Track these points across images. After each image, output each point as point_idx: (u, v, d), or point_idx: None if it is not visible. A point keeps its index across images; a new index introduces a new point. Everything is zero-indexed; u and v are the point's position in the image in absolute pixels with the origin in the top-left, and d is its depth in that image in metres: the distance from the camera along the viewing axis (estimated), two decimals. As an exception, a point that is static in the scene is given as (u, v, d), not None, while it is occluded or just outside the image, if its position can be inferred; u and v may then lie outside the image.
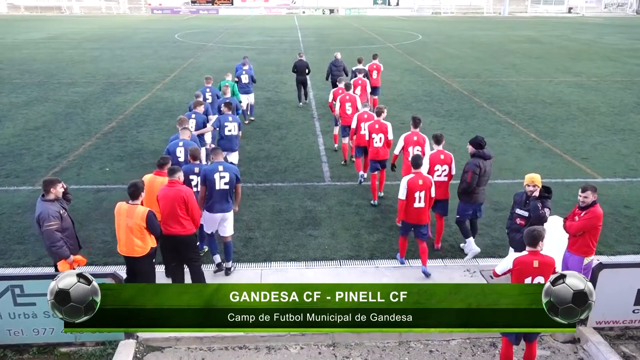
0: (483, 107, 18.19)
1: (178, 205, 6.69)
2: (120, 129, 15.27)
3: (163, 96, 19.67)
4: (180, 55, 30.74)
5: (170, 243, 6.80)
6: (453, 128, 15.42)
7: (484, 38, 41.88)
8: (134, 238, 6.42)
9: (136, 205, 6.43)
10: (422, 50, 34.07)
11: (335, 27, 51.87)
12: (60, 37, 41.13)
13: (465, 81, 22.88)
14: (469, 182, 7.98)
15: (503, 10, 77.65)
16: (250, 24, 56.48)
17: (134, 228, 6.38)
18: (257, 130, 15.24)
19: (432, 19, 67.09)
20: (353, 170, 11.97)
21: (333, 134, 13.80)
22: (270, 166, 12.28)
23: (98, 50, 33.08)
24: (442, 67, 26.67)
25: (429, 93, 20.42)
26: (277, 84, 22.24)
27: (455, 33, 46.15)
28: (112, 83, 22.19)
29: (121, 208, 6.47)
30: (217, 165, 7.50)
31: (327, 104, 18.21)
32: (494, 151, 13.28)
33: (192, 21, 60.84)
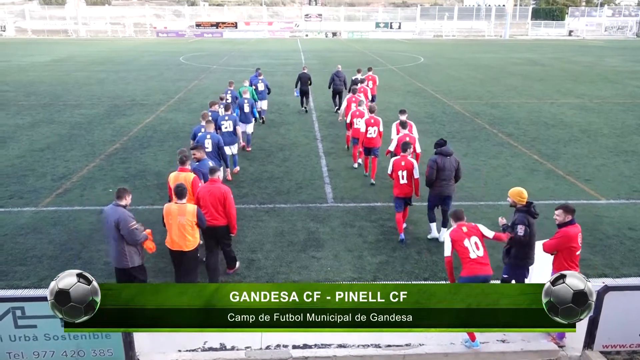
0: (485, 128, 18.23)
1: (219, 202, 7.79)
2: (124, 151, 15.33)
3: (167, 118, 19.79)
4: (185, 78, 31.03)
5: (208, 231, 7.85)
6: (456, 150, 15.31)
7: (486, 60, 42.20)
8: (186, 234, 7.15)
9: (185, 204, 7.19)
10: (424, 72, 34.31)
11: (338, 50, 52.38)
12: (66, 59, 41.62)
13: (467, 103, 22.99)
14: (427, 176, 9.20)
15: (504, 34, 78.37)
16: (254, 47, 57.10)
17: (186, 225, 7.13)
18: (261, 151, 15.28)
19: (433, 42, 67.72)
20: (356, 191, 11.97)
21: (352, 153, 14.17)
22: (273, 187, 12.28)
23: (104, 72, 33.43)
24: (444, 89, 26.82)
25: (431, 115, 20.50)
26: (281, 105, 22.37)
27: (457, 56, 46.53)
28: (116, 105, 22.36)
29: (171, 208, 7.18)
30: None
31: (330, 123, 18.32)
32: (497, 173, 13.30)
33: (196, 44, 61.56)
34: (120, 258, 6.91)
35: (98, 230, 9.86)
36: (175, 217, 7.15)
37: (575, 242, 6.44)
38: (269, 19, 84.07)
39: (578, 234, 6.47)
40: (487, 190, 12.07)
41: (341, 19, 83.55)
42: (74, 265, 8.51)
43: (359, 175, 13.08)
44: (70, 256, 8.88)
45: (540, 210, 10.84)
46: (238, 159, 13.43)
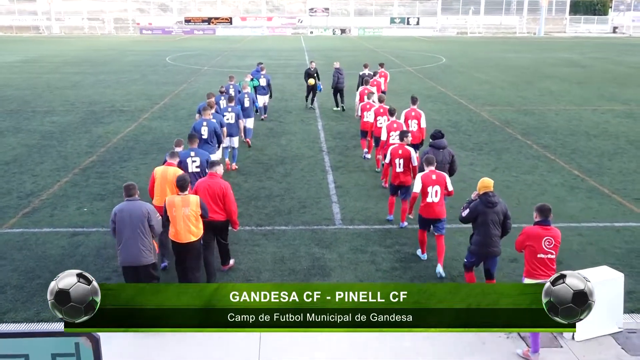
0: (517, 139, 18.23)
1: (218, 197, 8.70)
2: (101, 164, 15.40)
3: (151, 126, 19.91)
4: (172, 81, 31.27)
5: (207, 226, 8.59)
6: (483, 163, 15.42)
7: (517, 61, 42.34)
8: (190, 225, 8.08)
9: (187, 195, 8.13)
10: (446, 74, 34.44)
11: (347, 49, 52.73)
12: (37, 60, 42.08)
13: (496, 110, 23.01)
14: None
15: (538, 30, 78.72)
16: (251, 46, 57.58)
17: (190, 215, 8.06)
18: (258, 165, 15.32)
19: (457, 40, 68.10)
20: (369, 211, 11.96)
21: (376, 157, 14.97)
22: (272, 207, 12.28)
23: (79, 74, 33.75)
24: (469, 94, 26.89)
25: (454, 123, 20.52)
26: (281, 112, 22.48)
27: (484, 55, 46.73)
28: (93, 111, 22.53)
29: (174, 200, 8.09)
30: (189, 151, 10.30)
31: (338, 133, 18.36)
32: (531, 191, 13.26)
33: (185, 42, 62.15)
34: (142, 254, 7.67)
35: (70, 255, 9.86)
36: (180, 208, 8.05)
37: (533, 241, 7.12)
38: (269, 14, 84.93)
39: (543, 236, 7.10)
40: (521, 210, 12.00)
41: (351, 13, 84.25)
42: (42, 296, 8.51)
43: (371, 194, 13.07)
44: (38, 285, 8.88)
45: (584, 234, 10.86)
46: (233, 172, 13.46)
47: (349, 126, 19.92)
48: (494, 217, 7.95)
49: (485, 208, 7.97)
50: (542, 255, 7.15)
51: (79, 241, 10.50)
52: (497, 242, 8.11)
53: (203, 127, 12.42)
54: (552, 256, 7.18)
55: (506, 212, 8.11)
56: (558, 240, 7.20)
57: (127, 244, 7.66)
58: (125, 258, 7.72)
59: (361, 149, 16.32)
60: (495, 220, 7.97)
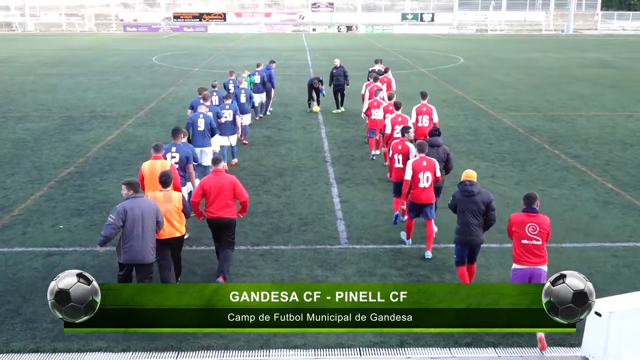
0: (544, 148, 18.22)
1: (228, 191, 9.56)
2: (79, 176, 15.43)
3: (136, 134, 19.96)
4: (159, 83, 31.38)
5: (212, 224, 9.75)
6: (506, 176, 15.40)
7: (543, 61, 42.43)
8: (173, 221, 8.92)
9: (170, 191, 8.99)
10: (464, 76, 34.51)
11: (354, 49, 52.94)
12: (9, 60, 42.32)
13: (520, 116, 23.03)
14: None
15: (567, 27, 79.03)
16: (247, 44, 57.84)
17: (172, 211, 8.88)
18: (254, 177, 15.33)
19: (476, 38, 68.31)
20: (378, 229, 11.94)
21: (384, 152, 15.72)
22: (270, 224, 12.27)
23: (56, 76, 33.91)
24: (490, 98, 26.93)
25: (473, 131, 20.53)
26: (280, 118, 22.53)
27: (506, 55, 46.84)
28: (71, 117, 22.62)
29: (157, 196, 8.91)
30: (171, 146, 11.26)
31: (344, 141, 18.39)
32: (560, 206, 13.23)
33: (174, 41, 62.48)
34: (149, 252, 8.43)
35: (44, 278, 9.84)
36: (162, 204, 8.80)
37: (517, 227, 8.08)
38: (267, 9, 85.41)
39: (526, 222, 8.01)
40: (548, 228, 11.98)
41: (358, 8, 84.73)
42: (12, 324, 8.50)
43: (381, 209, 13.06)
44: (7, 312, 8.85)
45: (619, 255, 10.82)
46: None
47: (356, 133, 19.95)
48: (471, 206, 8.95)
49: (462, 197, 9.04)
50: (526, 241, 7.98)
51: (55, 262, 10.48)
52: (477, 231, 9.03)
53: (199, 119, 13.67)
54: (538, 242, 7.97)
55: (489, 202, 9.01)
56: (544, 228, 7.99)
57: (137, 242, 8.32)
58: (134, 256, 8.35)
59: (369, 149, 17.16)
60: (473, 210, 8.95)
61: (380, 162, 16.26)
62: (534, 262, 7.94)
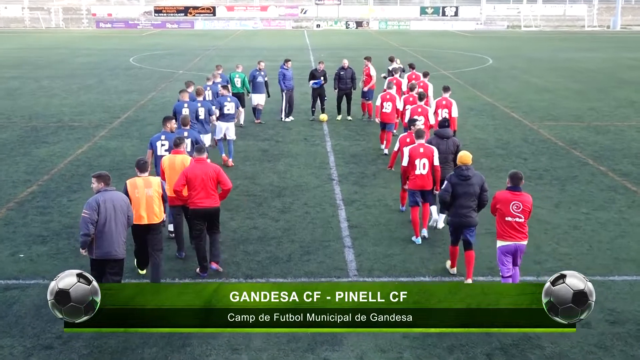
0: (587, 164, 18.20)
1: (212, 180, 10.88)
2: (43, 196, 15.45)
3: (109, 147, 20.01)
4: (137, 88, 31.52)
5: (200, 214, 11.03)
6: (543, 196, 15.37)
7: (587, 62, 42.50)
8: (154, 206, 10.26)
9: (149, 176, 10.38)
10: (494, 80, 34.59)
11: (365, 48, 53.00)
12: (-37, 61, 42.54)
13: (559, 126, 23.03)
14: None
15: (613, 23, 79.29)
16: (240, 43, 58.10)
17: (153, 196, 10.23)
18: (248, 198, 15.33)
19: (507, 35, 68.49)
20: (392, 259, 11.92)
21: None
22: (266, 252, 12.27)
23: (17, 79, 34.09)
24: (524, 106, 26.96)
25: (505, 144, 20.54)
26: (279, 129, 22.58)
27: (543, 55, 46.94)
28: (34, 128, 22.69)
29: (136, 182, 10.26)
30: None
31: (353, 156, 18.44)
32: (607, 232, 13.20)
33: (155, 38, 62.81)
34: (122, 247, 9.36)
35: (1, 316, 9.83)
36: (143, 189, 10.17)
37: (502, 205, 9.66)
38: (263, 2, 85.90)
39: (511, 200, 9.59)
40: (593, 258, 11.93)
41: (370, 1, 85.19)
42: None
43: (396, 235, 13.04)
44: (-43, 356, 8.83)
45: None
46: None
47: (367, 146, 19.99)
48: (468, 189, 10.54)
49: (459, 181, 10.56)
50: (510, 218, 9.59)
51: (13, 297, 10.45)
52: (471, 213, 10.65)
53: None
54: (521, 220, 9.60)
55: (482, 184, 10.61)
56: (527, 206, 9.61)
57: (111, 236, 9.20)
58: (109, 250, 9.19)
59: (380, 144, 19.25)
60: (469, 193, 10.55)
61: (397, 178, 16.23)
62: (518, 237, 9.61)
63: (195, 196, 10.86)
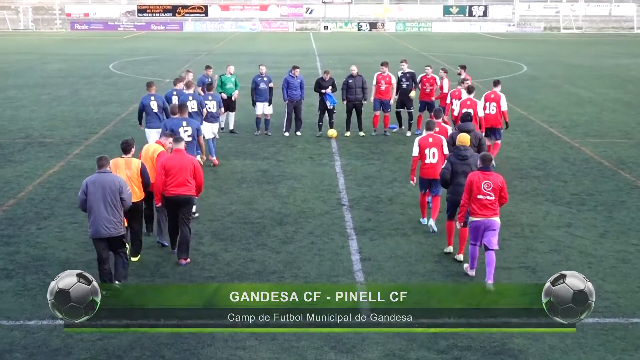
0: (637, 188, 18.18)
1: (189, 171, 12.75)
2: (9, 223, 15.48)
3: (84, 167, 20.03)
4: (117, 99, 31.68)
5: (174, 202, 12.86)
6: (586, 224, 15.34)
7: (636, 70, 42.55)
8: (134, 186, 12.22)
9: (131, 158, 12.47)
10: (529, 90, 34.65)
11: (379, 53, 53.27)
12: None
13: (604, 144, 23.04)
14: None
15: (666, 24, 79.27)
16: (236, 47, 58.33)
17: (132, 177, 12.34)
18: (244, 226, 15.34)
19: (544, 39, 68.65)
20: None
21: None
22: (265, 289, 12.23)
23: (-21, 89, 34.25)
24: (564, 119, 27.00)
25: (542, 163, 20.54)
26: (281, 146, 22.62)
27: (585, 62, 47.02)
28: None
29: (118, 162, 12.34)
30: (181, 120, 15.95)
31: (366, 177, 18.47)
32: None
33: (138, 42, 63.13)
34: (115, 225, 11.15)
35: (-41, 362, 9.84)
36: (123, 170, 12.26)
37: (473, 185, 11.87)
38: (262, 1, 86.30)
39: (482, 180, 11.81)
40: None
41: (385, 0, 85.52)
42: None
43: (416, 269, 12.98)
44: None
45: None
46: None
47: (382, 167, 20.03)
48: (466, 168, 12.91)
49: (457, 160, 13.10)
50: (481, 196, 11.81)
51: (-27, 340, 10.47)
52: None
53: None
54: (491, 198, 11.82)
55: (477, 164, 12.37)
56: (497, 185, 11.78)
57: (99, 217, 11.00)
58: (98, 230, 11.05)
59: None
60: (466, 172, 12.68)
61: (415, 202, 16.26)
62: (488, 214, 11.85)
63: (170, 184, 12.72)
